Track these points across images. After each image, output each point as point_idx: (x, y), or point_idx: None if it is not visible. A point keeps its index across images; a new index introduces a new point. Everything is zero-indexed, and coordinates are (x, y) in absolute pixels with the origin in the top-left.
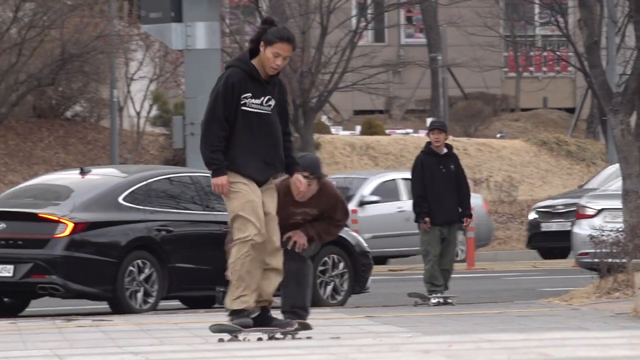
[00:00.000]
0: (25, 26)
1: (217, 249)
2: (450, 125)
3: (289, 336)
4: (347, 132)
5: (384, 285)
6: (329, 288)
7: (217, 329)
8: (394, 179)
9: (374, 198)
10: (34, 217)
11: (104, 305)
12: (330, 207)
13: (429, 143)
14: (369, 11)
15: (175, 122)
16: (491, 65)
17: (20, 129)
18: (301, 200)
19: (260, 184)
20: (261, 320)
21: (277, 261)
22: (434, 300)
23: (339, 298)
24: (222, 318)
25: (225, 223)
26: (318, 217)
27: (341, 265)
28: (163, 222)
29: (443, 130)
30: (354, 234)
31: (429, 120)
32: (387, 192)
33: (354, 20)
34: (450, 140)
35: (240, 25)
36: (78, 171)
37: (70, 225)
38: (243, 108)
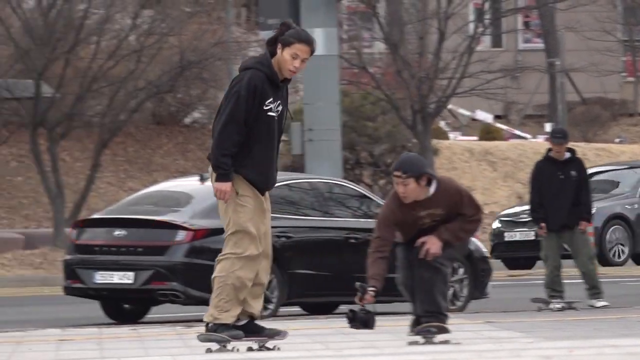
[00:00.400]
0: (144, 33)
1: (337, 255)
2: (569, 130)
3: (427, 338)
4: (465, 138)
5: (503, 290)
6: (449, 294)
7: (204, 338)
8: None
9: None
10: (154, 224)
11: None
12: (455, 204)
13: (549, 150)
14: (487, 16)
15: (293, 128)
16: (609, 69)
17: (139, 135)
18: (406, 201)
19: (263, 193)
20: (251, 328)
21: (265, 277)
22: (557, 305)
23: (459, 304)
24: (338, 323)
25: (345, 229)
26: (448, 217)
27: (461, 270)
28: (282, 228)
29: (564, 139)
30: (473, 238)
31: (547, 126)
32: None
33: (471, 26)
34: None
35: (358, 31)
36: (197, 178)
37: (191, 232)
38: (269, 114)
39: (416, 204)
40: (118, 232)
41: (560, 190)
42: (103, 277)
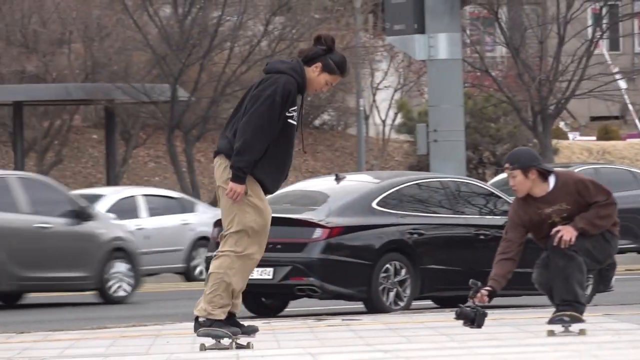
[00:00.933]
0: (275, 39)
1: (467, 251)
2: None
3: (564, 327)
4: (584, 138)
5: (620, 284)
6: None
7: (204, 333)
8: (132, 196)
9: (111, 215)
10: (292, 222)
11: (350, 305)
12: (580, 194)
13: None
14: (604, 21)
15: (419, 129)
16: None
17: None
18: (518, 195)
19: (268, 194)
20: (232, 324)
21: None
22: None
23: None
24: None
25: (474, 226)
26: (580, 211)
27: None
28: (414, 225)
29: None
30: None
31: None
32: (124, 209)
33: (589, 30)
34: None
35: (481, 36)
36: (333, 177)
37: (327, 230)
38: (289, 121)
39: (539, 202)
40: None
41: None
42: None
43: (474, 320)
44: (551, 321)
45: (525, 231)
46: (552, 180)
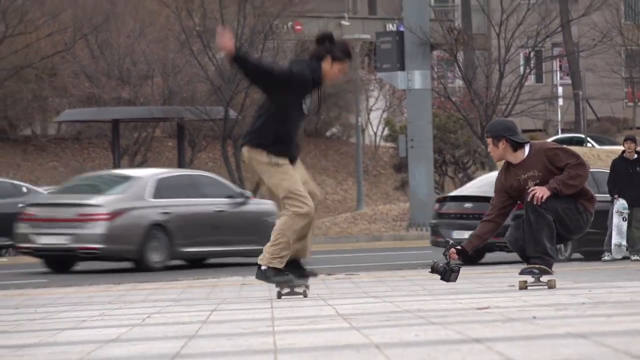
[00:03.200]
0: None
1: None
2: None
3: (534, 278)
4: None
5: None
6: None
7: (278, 280)
8: None
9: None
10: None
11: (352, 264)
12: (550, 160)
13: (623, 151)
14: (532, 61)
15: (400, 139)
16: (615, 97)
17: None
18: (495, 161)
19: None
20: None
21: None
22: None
23: None
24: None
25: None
26: (552, 175)
27: None
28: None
29: (634, 141)
30: None
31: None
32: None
33: (521, 68)
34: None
35: (444, 72)
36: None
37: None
38: (302, 108)
39: (517, 168)
40: (466, 205)
41: (630, 180)
42: (458, 234)
43: (443, 275)
44: (522, 272)
45: (508, 196)
46: (526, 149)
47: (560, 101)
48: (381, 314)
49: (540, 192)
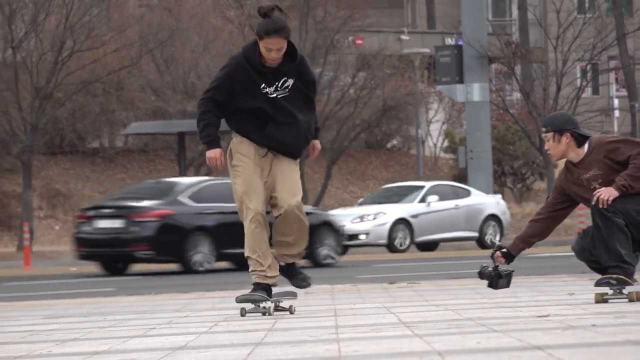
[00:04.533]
0: (359, 88)
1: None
2: None
3: (613, 290)
4: None
5: None
6: None
7: (242, 299)
8: None
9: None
10: None
11: (414, 273)
12: (610, 156)
13: None
14: (589, 74)
15: (460, 150)
16: None
17: (356, 156)
18: (553, 160)
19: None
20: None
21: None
22: None
23: None
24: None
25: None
26: (615, 172)
27: None
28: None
29: None
30: None
31: None
32: None
33: (578, 81)
34: None
35: (502, 85)
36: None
37: None
38: (266, 94)
39: (578, 167)
40: None
41: None
42: None
43: (490, 281)
44: (598, 283)
45: (566, 198)
46: (586, 145)
47: (617, 113)
48: (443, 322)
49: (606, 194)
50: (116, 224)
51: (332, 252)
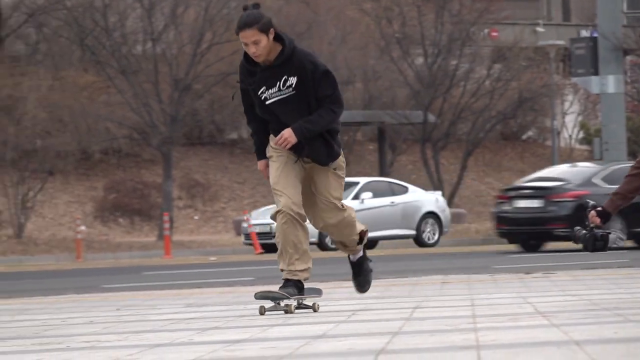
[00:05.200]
0: (495, 79)
1: None
2: None
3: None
4: None
5: None
6: None
7: (261, 295)
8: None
9: None
10: None
11: (543, 263)
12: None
13: None
14: None
15: (595, 141)
16: None
17: (492, 147)
18: None
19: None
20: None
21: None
22: None
23: None
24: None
25: None
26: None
27: None
28: None
29: None
30: None
31: None
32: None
33: None
34: None
35: (637, 76)
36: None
37: None
38: (263, 100)
39: None
40: None
41: None
42: None
43: (585, 244)
44: None
45: None
46: None
47: None
48: (579, 312)
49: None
50: (535, 203)
51: None
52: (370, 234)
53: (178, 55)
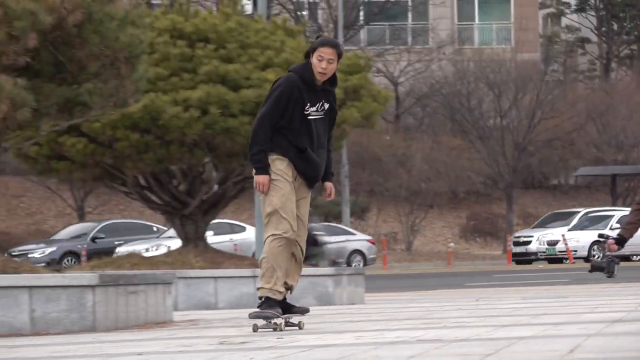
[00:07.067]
0: None
1: None
2: None
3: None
4: None
5: None
6: None
7: (255, 315)
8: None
9: None
10: None
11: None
12: None
13: None
14: None
15: None
16: None
17: None
18: None
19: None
20: (284, 306)
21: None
22: None
23: None
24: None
25: None
26: None
27: None
28: None
29: None
30: None
31: None
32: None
33: None
34: None
35: None
36: None
37: None
38: (308, 117)
39: None
40: None
41: None
42: None
43: (604, 268)
44: None
45: None
46: None
47: None
48: None
49: None
50: None
51: None
52: None
53: (518, 127)
